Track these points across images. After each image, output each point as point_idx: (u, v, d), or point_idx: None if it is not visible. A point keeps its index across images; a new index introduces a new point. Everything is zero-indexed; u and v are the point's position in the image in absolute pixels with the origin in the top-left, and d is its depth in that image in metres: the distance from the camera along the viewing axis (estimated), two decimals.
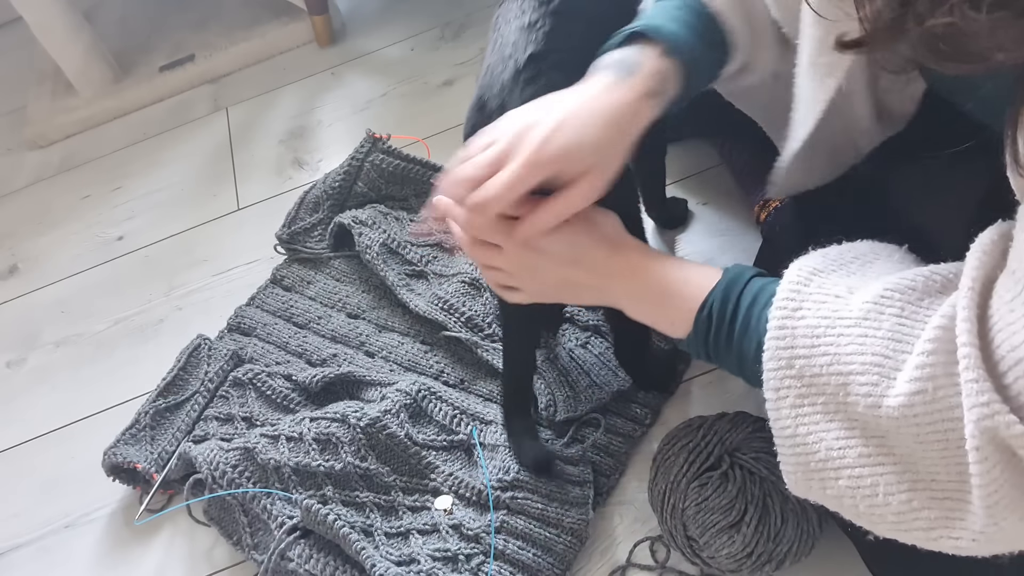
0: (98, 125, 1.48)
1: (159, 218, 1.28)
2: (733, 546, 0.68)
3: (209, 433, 0.94)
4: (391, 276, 1.00)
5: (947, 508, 0.47)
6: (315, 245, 1.10)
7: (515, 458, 0.81)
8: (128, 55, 1.54)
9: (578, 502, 0.79)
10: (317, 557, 0.78)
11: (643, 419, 0.86)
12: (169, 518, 0.91)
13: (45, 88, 1.52)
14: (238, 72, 1.49)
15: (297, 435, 0.85)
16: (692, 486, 0.70)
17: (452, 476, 0.83)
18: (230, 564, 0.86)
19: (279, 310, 1.05)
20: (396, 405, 0.85)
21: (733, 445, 0.71)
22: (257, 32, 1.50)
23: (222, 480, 0.82)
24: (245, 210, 1.25)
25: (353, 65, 1.43)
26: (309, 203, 1.12)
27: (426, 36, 1.44)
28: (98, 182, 1.38)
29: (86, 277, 1.23)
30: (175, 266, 1.20)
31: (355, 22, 1.52)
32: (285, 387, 0.94)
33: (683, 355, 0.89)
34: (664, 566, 0.76)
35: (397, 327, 0.99)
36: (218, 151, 1.36)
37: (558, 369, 0.89)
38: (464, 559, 0.78)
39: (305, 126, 1.35)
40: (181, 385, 0.97)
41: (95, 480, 0.93)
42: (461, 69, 1.35)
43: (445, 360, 0.95)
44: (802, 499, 0.68)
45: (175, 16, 1.60)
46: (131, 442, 0.92)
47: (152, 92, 1.49)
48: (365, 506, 0.82)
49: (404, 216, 1.08)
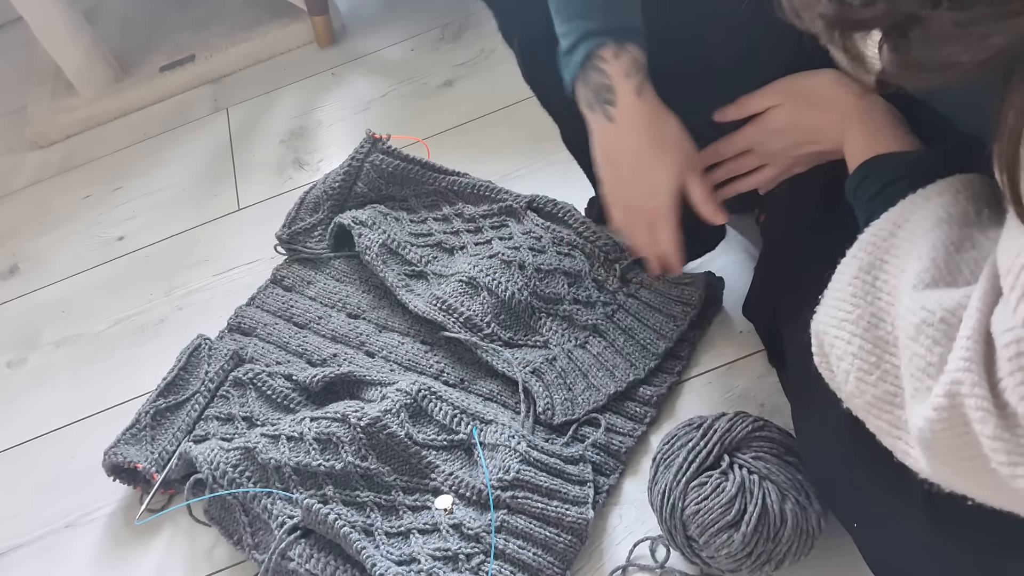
0: (98, 125, 1.48)
1: (159, 218, 1.28)
2: (732, 546, 0.68)
3: (209, 433, 0.94)
4: (390, 277, 1.00)
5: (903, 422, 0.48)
6: (315, 245, 1.10)
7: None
8: (128, 55, 1.54)
9: (578, 501, 0.79)
10: (318, 557, 0.78)
11: (643, 418, 0.86)
12: (169, 518, 0.91)
13: (45, 88, 1.53)
14: (238, 72, 1.50)
15: (297, 435, 0.85)
16: (692, 486, 0.70)
17: (452, 476, 0.83)
18: (230, 564, 0.86)
19: (279, 310, 1.05)
20: (396, 405, 0.85)
21: (733, 445, 0.72)
22: (257, 32, 1.50)
23: (223, 480, 0.83)
24: (245, 210, 1.25)
25: (353, 65, 1.44)
26: (309, 203, 1.13)
27: (426, 37, 1.44)
28: (98, 182, 1.38)
29: (86, 277, 1.23)
30: (175, 266, 1.20)
31: (355, 23, 1.52)
32: (285, 387, 0.94)
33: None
34: (664, 566, 0.76)
35: (397, 327, 1.00)
36: (218, 151, 1.36)
37: (556, 371, 0.89)
38: (464, 558, 0.78)
39: (305, 126, 1.35)
40: (181, 385, 0.97)
41: (95, 480, 0.93)
42: (461, 69, 1.35)
43: (445, 360, 0.95)
44: (802, 500, 0.68)
45: (175, 16, 1.60)
46: (131, 442, 0.92)
47: (152, 92, 1.49)
48: (365, 506, 0.82)
49: (404, 216, 1.08)
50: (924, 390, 0.46)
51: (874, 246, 0.53)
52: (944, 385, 0.43)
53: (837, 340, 0.53)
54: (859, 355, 0.51)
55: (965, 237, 0.49)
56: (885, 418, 0.50)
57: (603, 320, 0.93)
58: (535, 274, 0.95)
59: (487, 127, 1.23)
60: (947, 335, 0.45)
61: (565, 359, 0.90)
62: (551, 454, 0.82)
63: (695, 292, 0.91)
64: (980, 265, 0.47)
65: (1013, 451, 0.40)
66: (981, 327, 0.42)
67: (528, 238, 1.00)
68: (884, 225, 0.53)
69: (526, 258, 0.96)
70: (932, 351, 0.45)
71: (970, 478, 0.45)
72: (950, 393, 0.43)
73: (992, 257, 0.45)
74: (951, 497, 0.47)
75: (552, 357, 0.90)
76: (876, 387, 0.50)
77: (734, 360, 0.89)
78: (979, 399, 0.41)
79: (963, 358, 0.42)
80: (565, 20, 0.74)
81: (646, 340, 0.90)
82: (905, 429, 0.48)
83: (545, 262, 0.96)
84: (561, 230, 1.01)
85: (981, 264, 0.47)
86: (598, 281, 0.96)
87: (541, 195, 1.04)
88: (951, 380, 0.43)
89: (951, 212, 0.51)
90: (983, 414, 0.41)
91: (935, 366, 0.45)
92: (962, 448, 0.43)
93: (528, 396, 0.88)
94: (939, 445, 0.45)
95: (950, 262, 0.48)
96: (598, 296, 0.95)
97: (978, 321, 0.43)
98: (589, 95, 0.74)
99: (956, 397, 0.43)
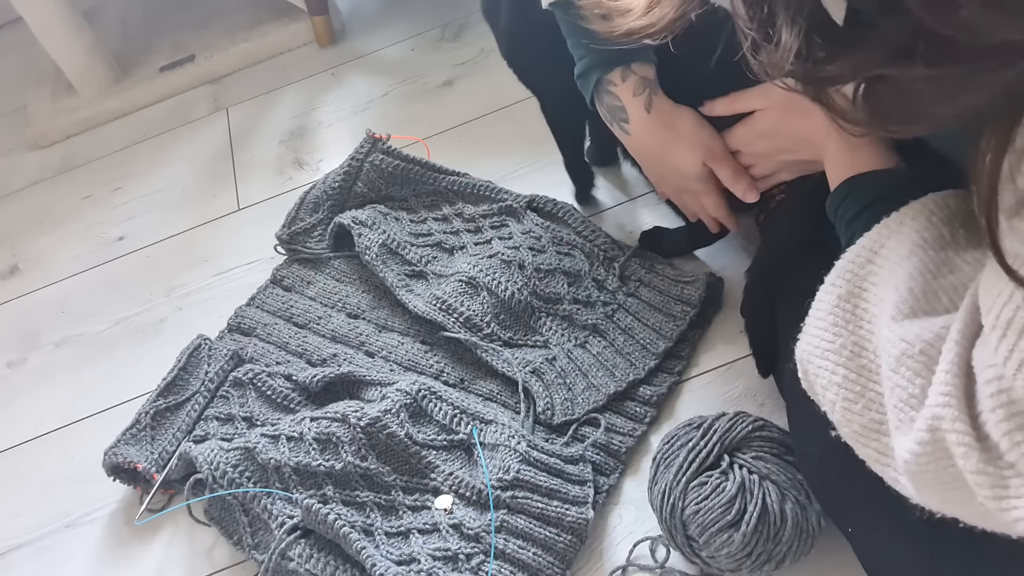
0: (99, 125, 1.48)
1: (159, 218, 1.28)
2: (732, 546, 0.68)
3: (209, 433, 0.94)
4: (390, 277, 1.00)
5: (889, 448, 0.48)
6: (315, 245, 1.10)
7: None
8: (128, 56, 1.54)
9: (578, 501, 0.79)
10: (317, 557, 0.78)
11: (643, 418, 0.86)
12: (169, 518, 0.91)
13: (46, 89, 1.53)
14: (238, 72, 1.50)
15: (297, 435, 0.85)
16: (692, 486, 0.70)
17: (452, 475, 0.83)
18: (230, 564, 0.86)
19: (279, 310, 1.05)
20: (396, 405, 0.85)
21: (733, 445, 0.72)
22: (257, 32, 1.50)
23: (222, 480, 0.83)
24: (245, 210, 1.25)
25: (353, 65, 1.44)
26: (309, 203, 1.13)
27: (426, 36, 1.44)
28: (98, 182, 1.38)
29: (86, 277, 1.23)
30: (175, 266, 1.20)
31: (355, 22, 1.52)
32: (285, 387, 0.94)
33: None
34: (664, 566, 0.76)
35: (397, 327, 1.00)
36: (218, 151, 1.36)
37: (556, 371, 0.89)
38: (464, 558, 0.78)
39: (305, 126, 1.35)
40: (181, 385, 0.97)
41: (95, 480, 0.93)
42: (461, 69, 1.35)
43: (445, 360, 0.95)
44: (802, 500, 0.68)
45: (175, 16, 1.60)
46: (131, 442, 0.92)
47: (152, 92, 1.49)
48: (365, 505, 0.82)
49: (404, 216, 1.08)
50: (908, 421, 0.45)
51: (852, 274, 0.52)
52: (925, 420, 0.43)
53: (821, 370, 0.52)
54: (844, 384, 0.51)
55: (942, 262, 0.49)
56: (873, 446, 0.50)
57: (603, 320, 0.93)
58: (535, 274, 0.95)
59: (487, 127, 1.23)
60: (927, 366, 0.45)
61: (565, 359, 0.90)
62: (551, 454, 0.82)
63: (695, 291, 0.91)
64: (958, 292, 0.47)
65: (997, 484, 0.40)
66: (961, 360, 0.42)
67: (528, 238, 1.00)
68: (860, 252, 0.53)
69: (526, 258, 0.96)
70: (913, 382, 0.45)
71: (958, 506, 0.45)
72: (931, 428, 0.43)
73: (971, 289, 0.45)
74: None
75: (552, 357, 0.90)
76: (862, 415, 0.50)
77: (734, 360, 0.89)
78: (960, 434, 0.41)
79: (942, 392, 0.42)
80: (576, 46, 0.82)
81: (646, 340, 0.90)
82: (893, 456, 0.48)
83: (545, 262, 0.97)
84: (561, 230, 1.01)
85: (959, 290, 0.47)
86: (598, 281, 0.96)
87: (541, 195, 1.04)
88: (932, 415, 0.43)
89: (925, 237, 0.50)
90: (965, 449, 0.41)
91: (917, 398, 0.45)
92: (947, 480, 0.43)
93: (528, 396, 0.88)
94: (925, 477, 0.45)
95: (927, 290, 0.48)
96: (598, 296, 0.95)
97: (957, 355, 0.42)
98: (606, 114, 0.84)
99: (937, 432, 0.42)
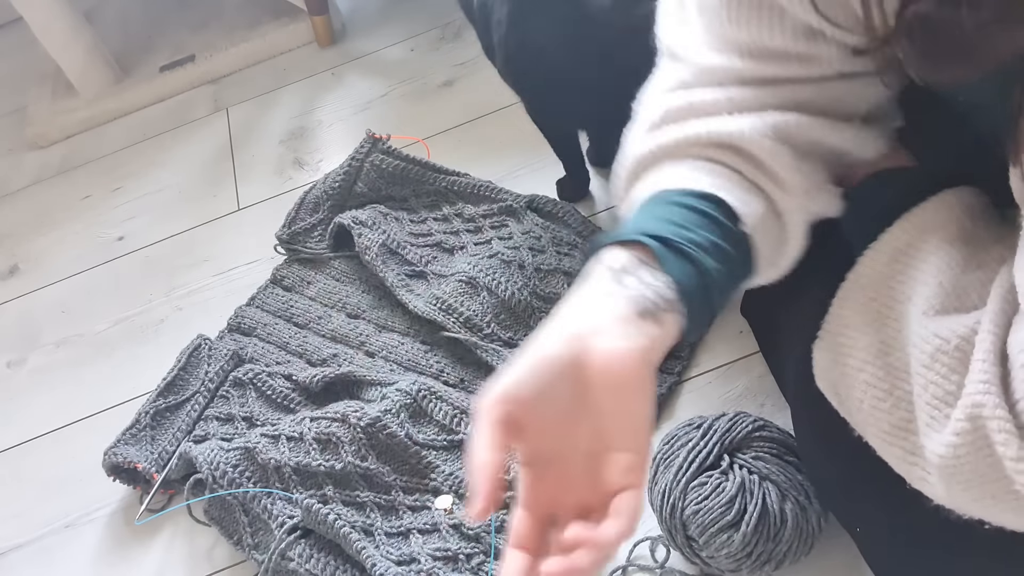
0: (98, 125, 1.48)
1: (159, 218, 1.28)
2: (732, 546, 0.68)
3: (209, 433, 0.94)
4: (390, 277, 1.00)
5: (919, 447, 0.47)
6: (315, 245, 1.10)
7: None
8: (129, 56, 1.54)
9: None
10: (318, 557, 0.78)
11: None
12: (169, 518, 0.91)
13: (46, 89, 1.53)
14: (238, 72, 1.50)
15: (297, 435, 0.85)
16: (692, 486, 0.70)
17: (452, 476, 0.83)
18: (230, 564, 0.86)
19: (279, 310, 1.05)
20: (396, 405, 0.85)
21: (733, 445, 0.72)
22: (257, 32, 1.50)
23: (222, 480, 0.83)
24: (245, 210, 1.25)
25: (353, 65, 1.43)
26: (309, 203, 1.13)
27: (426, 36, 1.44)
28: (98, 182, 1.38)
29: (86, 277, 1.23)
30: (175, 266, 1.20)
31: (355, 22, 1.52)
32: (285, 387, 0.94)
33: None
34: (664, 566, 0.76)
35: (397, 327, 1.00)
36: (218, 151, 1.36)
37: None
38: (464, 558, 0.78)
39: (305, 126, 1.35)
40: (181, 385, 0.97)
41: (95, 480, 0.93)
42: (461, 69, 1.35)
43: (445, 360, 0.95)
44: (802, 500, 0.68)
45: (175, 16, 1.60)
46: (131, 442, 0.92)
47: (152, 92, 1.49)
48: (365, 506, 0.82)
49: (404, 216, 1.08)
50: (942, 418, 0.45)
51: (874, 271, 0.52)
52: (965, 408, 0.43)
53: (847, 368, 0.52)
54: (872, 383, 0.50)
55: (968, 256, 0.48)
56: (900, 444, 0.49)
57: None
58: (535, 274, 0.95)
59: (487, 127, 1.23)
60: (963, 362, 0.44)
61: None
62: None
63: None
64: (986, 287, 0.46)
65: None
66: (995, 348, 0.42)
67: (528, 238, 1.00)
68: (883, 248, 0.52)
69: (526, 258, 0.96)
70: (949, 379, 0.45)
71: (991, 502, 0.44)
72: (972, 416, 0.42)
73: (1000, 278, 0.44)
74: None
75: None
76: (891, 414, 0.49)
77: (734, 360, 0.89)
78: (1001, 420, 0.41)
79: (981, 380, 0.42)
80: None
81: None
82: (921, 455, 0.47)
83: (545, 262, 0.96)
84: (561, 230, 1.01)
85: (987, 286, 0.46)
86: None
87: (541, 195, 1.04)
88: (972, 403, 0.42)
89: (950, 230, 0.50)
90: (1005, 436, 0.41)
91: (953, 394, 0.44)
92: (985, 472, 0.43)
93: None
94: (962, 471, 0.44)
95: (957, 285, 0.47)
96: None
97: (991, 343, 0.42)
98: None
99: (978, 420, 0.42)
